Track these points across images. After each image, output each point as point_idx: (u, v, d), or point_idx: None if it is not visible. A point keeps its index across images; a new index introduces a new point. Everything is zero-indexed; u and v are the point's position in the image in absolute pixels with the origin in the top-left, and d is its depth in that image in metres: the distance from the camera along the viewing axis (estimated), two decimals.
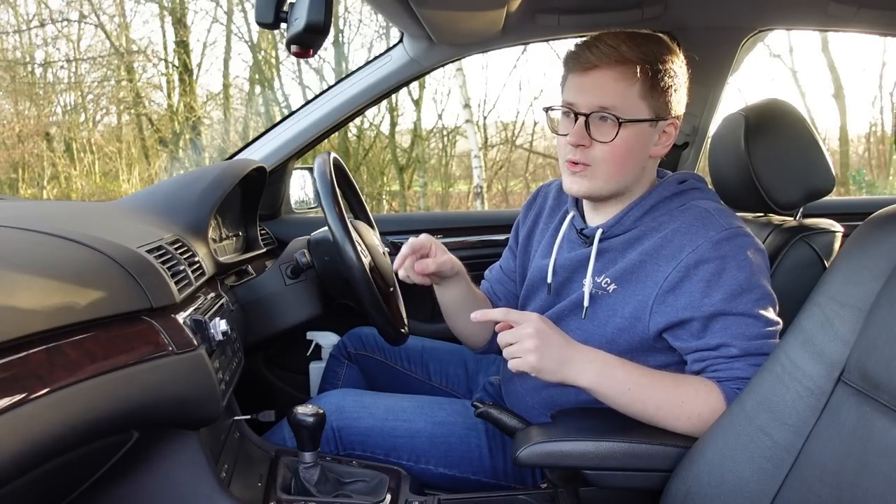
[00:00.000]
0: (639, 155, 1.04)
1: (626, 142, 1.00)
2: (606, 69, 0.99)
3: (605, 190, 1.05)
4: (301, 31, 0.78)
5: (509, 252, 1.32)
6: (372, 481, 1.14)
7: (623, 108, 0.99)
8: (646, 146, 1.04)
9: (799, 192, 1.26)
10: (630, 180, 1.05)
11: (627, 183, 1.05)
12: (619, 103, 0.99)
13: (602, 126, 1.00)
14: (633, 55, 0.98)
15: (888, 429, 0.72)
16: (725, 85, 1.78)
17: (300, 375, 1.77)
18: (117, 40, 7.08)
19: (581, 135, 1.01)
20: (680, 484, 0.92)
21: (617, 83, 0.99)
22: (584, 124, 1.00)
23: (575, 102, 1.01)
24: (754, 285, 0.96)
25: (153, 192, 1.35)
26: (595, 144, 1.01)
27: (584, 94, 1.00)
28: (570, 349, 0.94)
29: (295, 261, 1.40)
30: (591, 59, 0.99)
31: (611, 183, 1.04)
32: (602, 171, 1.02)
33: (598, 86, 0.99)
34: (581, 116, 1.00)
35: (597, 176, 1.03)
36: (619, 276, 1.04)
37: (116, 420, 0.77)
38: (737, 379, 0.95)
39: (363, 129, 6.80)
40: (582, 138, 1.01)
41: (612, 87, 0.99)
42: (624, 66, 0.98)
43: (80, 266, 0.81)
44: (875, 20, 1.56)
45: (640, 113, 1.01)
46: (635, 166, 1.04)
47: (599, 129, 1.00)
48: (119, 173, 7.04)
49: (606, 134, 1.00)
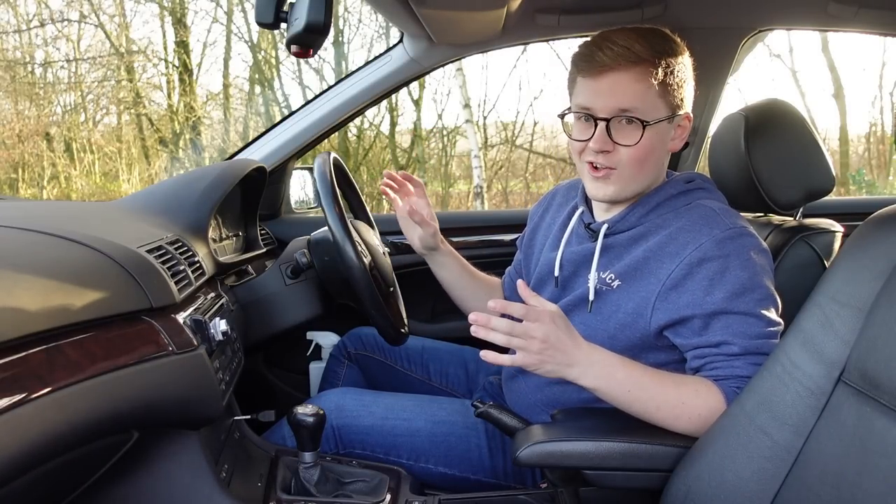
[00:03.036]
0: (660, 153, 1.04)
1: (650, 142, 1.00)
2: (623, 71, 0.98)
3: (631, 191, 1.05)
4: (301, 31, 0.78)
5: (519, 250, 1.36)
6: (372, 481, 1.14)
7: (644, 110, 0.99)
8: (665, 143, 1.04)
9: (799, 192, 1.26)
10: (653, 178, 1.06)
11: (650, 181, 1.06)
12: (640, 105, 0.98)
13: (624, 129, 0.99)
14: (647, 54, 0.97)
15: (888, 429, 0.72)
16: (725, 85, 1.78)
17: (300, 375, 1.77)
18: (117, 40, 7.08)
19: (603, 140, 1.00)
20: (680, 484, 0.92)
21: (636, 84, 0.98)
22: (605, 129, 0.99)
23: (592, 107, 1.00)
24: (757, 285, 0.96)
25: (153, 192, 1.35)
26: (618, 148, 1.00)
27: (602, 98, 0.99)
28: (574, 352, 0.92)
29: (295, 261, 1.40)
30: (604, 60, 0.98)
31: (635, 184, 1.04)
32: (628, 174, 1.02)
33: (617, 88, 0.98)
34: (601, 121, 0.99)
35: (622, 178, 1.03)
36: (624, 273, 1.04)
37: (116, 420, 0.77)
38: (736, 377, 0.95)
39: (363, 129, 6.80)
40: (605, 143, 1.00)
41: (631, 88, 0.98)
42: (640, 65, 0.97)
43: (80, 266, 0.81)
44: (875, 20, 1.56)
45: (660, 111, 1.00)
46: (658, 164, 1.05)
47: (621, 132, 0.99)
48: (119, 173, 7.04)
49: (630, 137, 0.99)
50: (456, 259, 1.34)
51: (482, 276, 1.39)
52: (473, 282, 1.36)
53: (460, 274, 1.34)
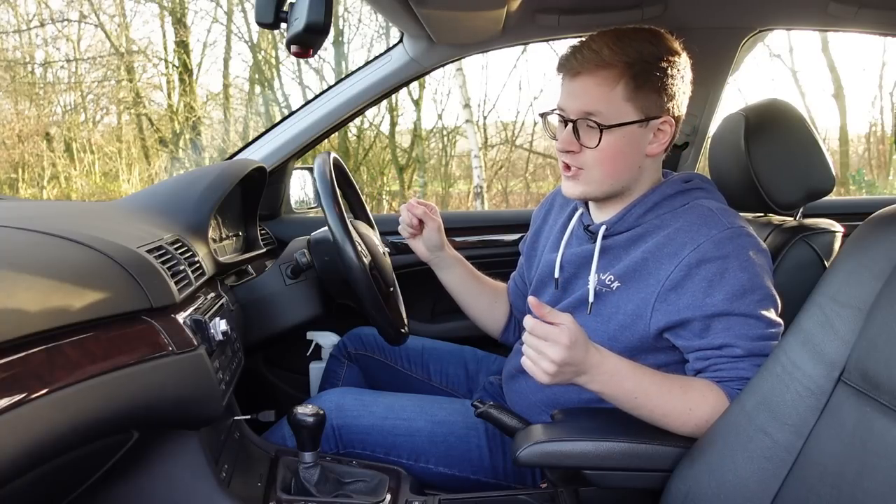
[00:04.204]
0: (631, 156, 1.04)
1: (612, 145, 1.01)
2: (589, 75, 1.00)
3: (600, 192, 1.06)
4: (301, 31, 0.78)
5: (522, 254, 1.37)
6: (372, 481, 1.14)
7: (607, 114, 1.00)
8: (638, 146, 1.04)
9: (799, 192, 1.26)
10: (625, 180, 1.06)
11: (623, 183, 1.06)
12: (603, 108, 1.00)
13: (588, 131, 1.02)
14: (615, 58, 0.99)
15: (888, 429, 0.72)
16: (725, 85, 1.78)
17: (300, 375, 1.77)
18: (117, 40, 7.08)
19: (570, 140, 1.02)
20: (680, 484, 0.92)
21: (599, 88, 1.00)
22: (572, 130, 1.02)
23: (565, 108, 1.03)
24: (757, 286, 0.96)
25: (153, 192, 1.35)
26: (584, 149, 1.02)
27: (572, 100, 1.02)
28: (585, 366, 0.90)
29: (295, 261, 1.40)
30: (574, 64, 1.01)
31: (604, 185, 1.05)
32: (594, 175, 1.04)
33: (583, 91, 1.01)
34: (570, 122, 1.02)
35: (589, 179, 1.05)
36: (623, 274, 1.04)
37: (117, 420, 0.77)
38: (740, 379, 0.95)
39: (363, 129, 6.80)
40: (570, 144, 1.03)
41: (594, 92, 1.00)
42: (605, 70, 0.99)
43: (80, 266, 0.81)
44: (875, 20, 1.56)
45: (626, 115, 1.01)
46: (628, 167, 1.05)
47: (587, 134, 1.02)
48: (119, 173, 7.04)
49: (592, 139, 1.01)
50: (462, 264, 1.34)
51: (488, 281, 1.39)
52: (479, 287, 1.36)
53: (466, 279, 1.34)
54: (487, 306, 1.36)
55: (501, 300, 1.38)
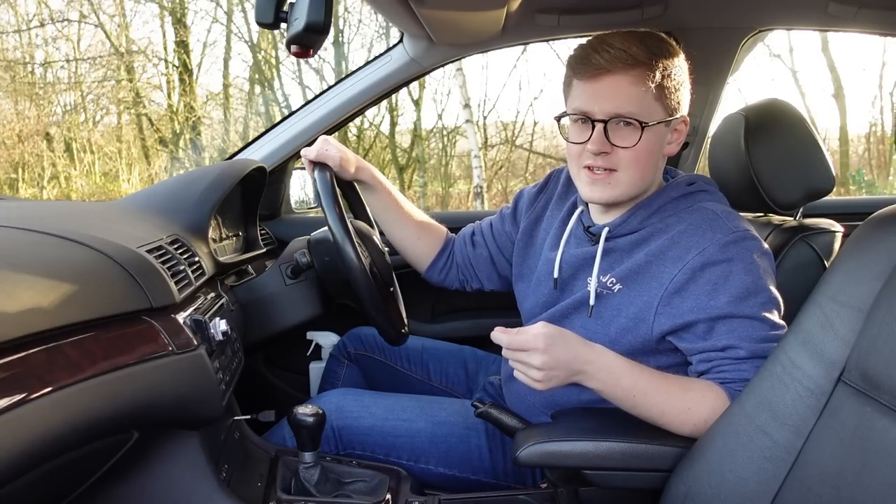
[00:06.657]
0: (657, 156, 1.04)
1: (648, 145, 1.00)
2: (620, 74, 0.98)
3: (628, 195, 1.04)
4: (301, 31, 0.78)
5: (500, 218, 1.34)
6: (372, 481, 1.14)
7: (642, 113, 0.99)
8: (662, 146, 1.04)
9: (799, 192, 1.26)
10: (650, 181, 1.06)
11: (647, 185, 1.06)
12: (638, 108, 0.98)
13: (622, 131, 0.99)
14: (644, 56, 0.97)
15: (888, 429, 0.72)
16: (725, 85, 1.78)
17: (300, 375, 1.77)
18: (117, 40, 7.09)
19: (601, 142, 1.00)
20: (680, 484, 0.92)
21: (633, 88, 0.98)
22: (602, 131, 0.99)
23: (590, 110, 1.00)
24: (761, 288, 0.96)
25: (153, 192, 1.35)
26: (616, 149, 1.00)
27: (600, 101, 0.99)
28: (577, 364, 0.91)
29: (295, 261, 1.40)
30: (601, 63, 0.97)
31: (633, 187, 1.04)
32: (626, 176, 1.02)
33: (614, 92, 0.98)
34: (598, 123, 0.99)
35: (620, 181, 1.02)
36: (625, 277, 1.04)
37: (117, 420, 0.77)
38: (742, 380, 0.94)
39: (363, 129, 6.81)
40: (603, 145, 1.00)
41: (628, 92, 0.98)
42: (637, 69, 0.97)
43: (80, 266, 0.81)
44: (875, 20, 1.56)
45: (658, 114, 1.00)
46: (655, 167, 1.05)
47: (619, 134, 0.99)
48: (119, 173, 7.04)
49: (628, 139, 0.99)
50: (382, 190, 1.34)
51: (417, 215, 1.37)
52: (401, 217, 1.35)
53: (387, 206, 1.34)
54: (410, 240, 1.36)
55: (428, 239, 1.37)
